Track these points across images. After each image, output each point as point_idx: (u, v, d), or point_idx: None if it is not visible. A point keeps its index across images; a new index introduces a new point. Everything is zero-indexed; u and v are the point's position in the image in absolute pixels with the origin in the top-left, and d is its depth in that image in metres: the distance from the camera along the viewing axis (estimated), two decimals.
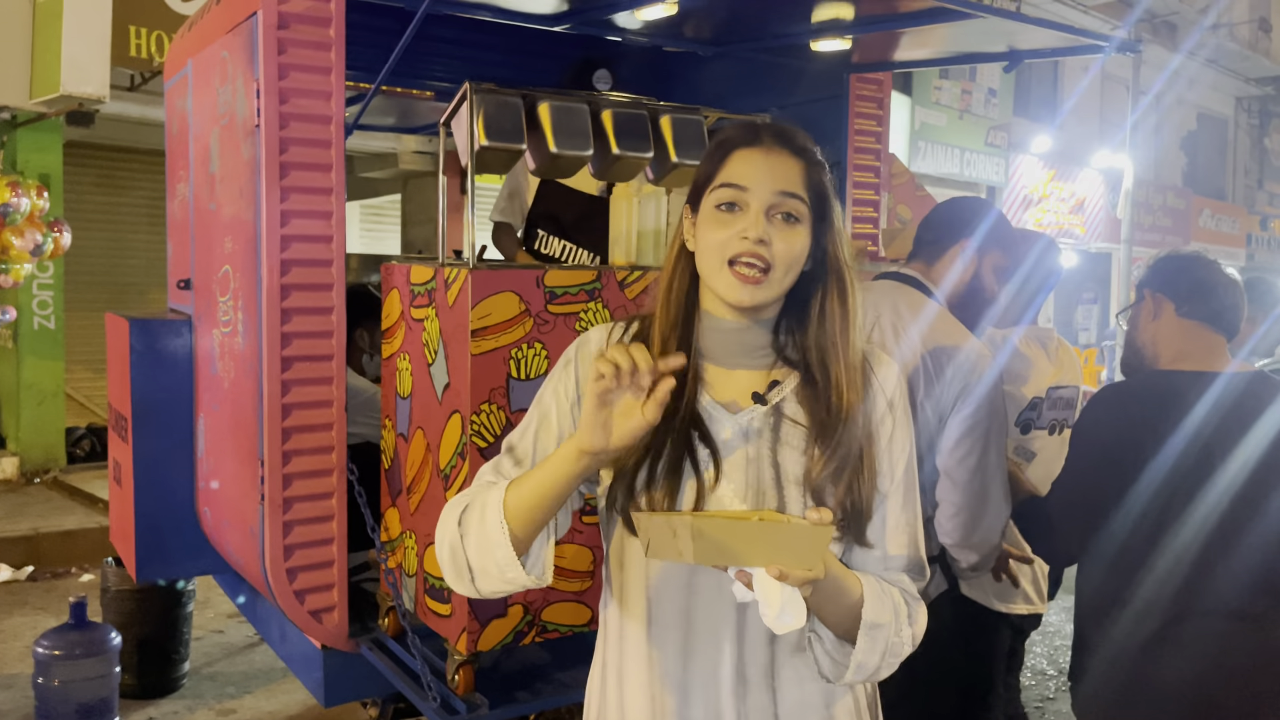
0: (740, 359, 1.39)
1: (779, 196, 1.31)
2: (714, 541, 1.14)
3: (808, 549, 1.16)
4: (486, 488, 1.36)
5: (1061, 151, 16.90)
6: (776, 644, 1.36)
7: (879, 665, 1.34)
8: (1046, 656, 5.08)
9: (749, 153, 1.34)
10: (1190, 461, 1.97)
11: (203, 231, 3.32)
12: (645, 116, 2.61)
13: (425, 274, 2.57)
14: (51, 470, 7.71)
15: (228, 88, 2.97)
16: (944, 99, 14.51)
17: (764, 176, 1.32)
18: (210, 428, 3.25)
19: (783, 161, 1.33)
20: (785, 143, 1.35)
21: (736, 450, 1.35)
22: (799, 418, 1.35)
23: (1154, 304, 2.19)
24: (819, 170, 1.36)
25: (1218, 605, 1.95)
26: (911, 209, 4.18)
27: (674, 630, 1.38)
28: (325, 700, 2.93)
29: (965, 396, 2.21)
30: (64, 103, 6.83)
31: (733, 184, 1.32)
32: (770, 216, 1.31)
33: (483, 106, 2.37)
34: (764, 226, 1.30)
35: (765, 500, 1.34)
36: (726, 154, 1.35)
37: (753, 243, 1.29)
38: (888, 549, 1.39)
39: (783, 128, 1.38)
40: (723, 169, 1.35)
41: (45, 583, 5.75)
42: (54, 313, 7.80)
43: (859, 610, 1.30)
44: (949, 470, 2.23)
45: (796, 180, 1.33)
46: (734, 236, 1.31)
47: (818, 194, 1.35)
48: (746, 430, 1.35)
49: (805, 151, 1.36)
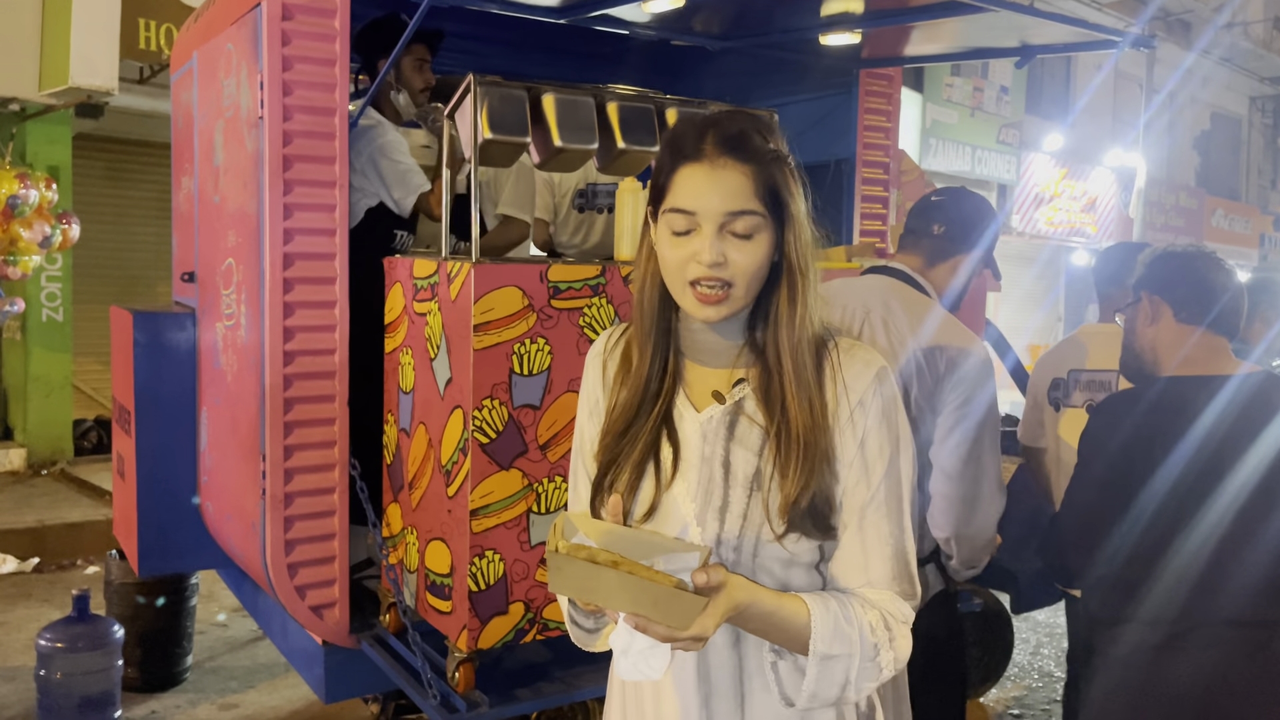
0: (713, 356, 1.37)
1: (729, 217, 1.26)
2: (572, 581, 1.11)
3: (677, 610, 1.10)
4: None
5: (1074, 150, 16.81)
6: (742, 645, 1.33)
7: (840, 695, 1.28)
8: (1054, 658, 5.05)
9: (693, 170, 1.28)
10: (1201, 468, 1.93)
11: (207, 225, 3.30)
12: (651, 110, 2.59)
13: (428, 268, 2.54)
14: (59, 462, 7.72)
15: (232, 80, 2.95)
16: (955, 96, 14.44)
17: (711, 198, 1.26)
18: (213, 421, 3.23)
19: (729, 177, 1.27)
20: (730, 149, 1.27)
21: (694, 449, 1.34)
22: (757, 416, 1.33)
23: (1151, 307, 2.13)
24: (773, 169, 1.29)
25: (1228, 614, 1.91)
26: None
27: None
28: (326, 697, 2.92)
29: (965, 394, 2.18)
30: (73, 95, 6.83)
31: (681, 209, 1.27)
32: (724, 233, 1.27)
33: (487, 99, 2.35)
34: (717, 248, 1.26)
35: (712, 500, 1.32)
36: (673, 170, 1.30)
37: (708, 266, 1.26)
38: (870, 563, 1.32)
39: (727, 130, 1.29)
40: (670, 189, 1.30)
41: (50, 575, 5.75)
42: (62, 305, 7.81)
43: (806, 638, 1.25)
44: (943, 463, 2.21)
45: (746, 194, 1.27)
46: (689, 259, 1.27)
47: (774, 197, 1.28)
48: (705, 429, 1.34)
49: (754, 154, 1.28)
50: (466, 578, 2.38)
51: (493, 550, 2.41)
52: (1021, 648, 5.13)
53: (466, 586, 2.39)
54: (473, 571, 2.39)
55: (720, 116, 1.32)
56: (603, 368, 1.45)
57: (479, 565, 2.39)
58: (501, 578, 2.43)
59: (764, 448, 1.31)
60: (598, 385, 1.45)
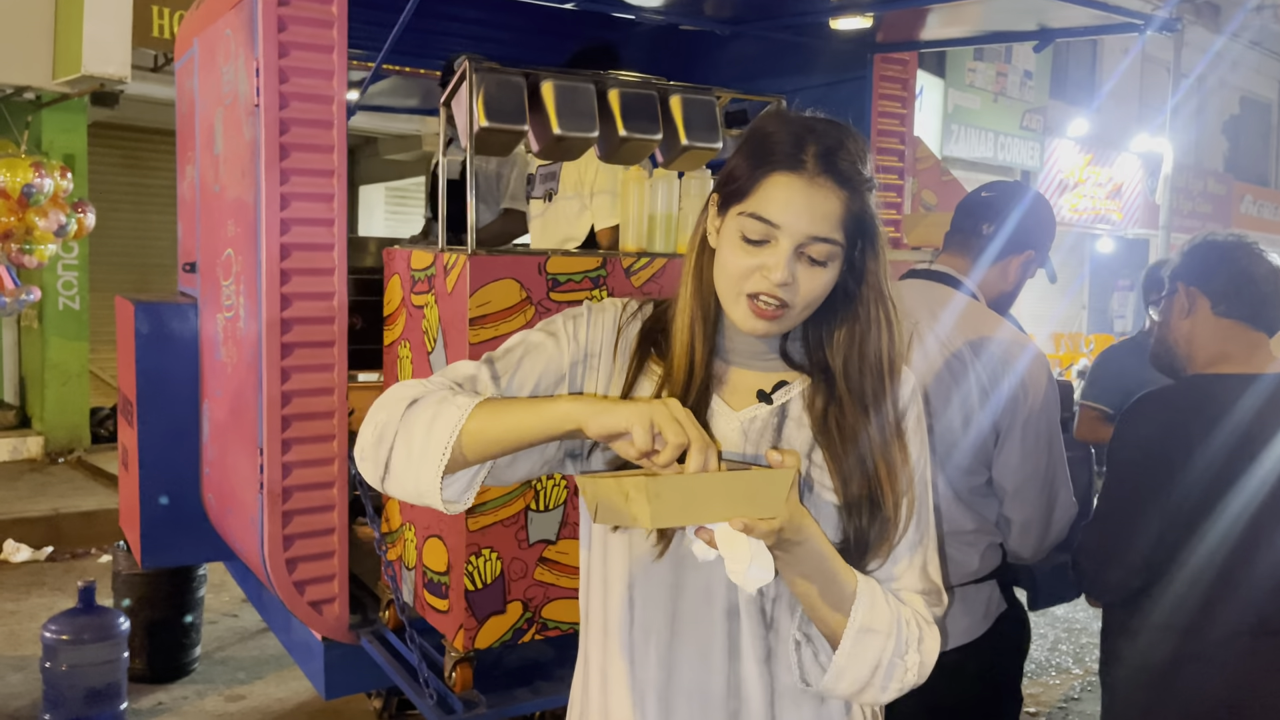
0: (754, 360, 1.32)
1: (811, 241, 1.20)
2: (671, 502, 1.05)
3: (769, 495, 1.08)
4: (449, 395, 1.23)
5: (1099, 135, 16.56)
6: (773, 662, 1.28)
7: (868, 681, 1.23)
8: (1072, 655, 4.96)
9: (789, 180, 1.20)
10: (1236, 470, 1.84)
11: (207, 214, 3.26)
12: (654, 97, 2.51)
13: (425, 259, 2.49)
14: (76, 450, 7.75)
15: (231, 67, 2.90)
16: (978, 81, 14.24)
17: (800, 215, 1.19)
18: (214, 414, 3.20)
19: (824, 197, 1.20)
20: (831, 170, 1.20)
21: (733, 450, 1.28)
22: (804, 422, 1.29)
23: (1187, 299, 2.02)
24: (863, 197, 1.23)
25: (1264, 624, 1.83)
26: (936, 194, 4.05)
27: (656, 635, 1.30)
28: (326, 693, 2.88)
29: (1030, 408, 2.05)
30: (86, 83, 6.82)
31: (764, 219, 1.20)
32: (798, 255, 1.21)
33: (483, 86, 2.28)
34: (789, 269, 1.20)
35: None
36: (764, 174, 1.21)
37: (775, 284, 1.20)
38: (894, 570, 1.30)
39: (832, 145, 1.21)
40: (756, 192, 1.21)
41: (64, 563, 5.77)
42: (79, 293, 7.84)
43: (849, 606, 1.21)
44: (1016, 488, 2.07)
45: (834, 220, 1.21)
46: (756, 272, 1.21)
47: (858, 224, 1.23)
48: (747, 429, 1.29)
49: (852, 179, 1.21)
50: (463, 576, 2.33)
51: (489, 549, 2.36)
52: (1039, 643, 5.05)
53: (463, 585, 2.34)
54: (469, 570, 2.34)
55: (817, 124, 1.24)
56: (616, 334, 1.35)
57: (475, 564, 2.34)
58: (499, 576, 2.38)
59: (813, 450, 1.27)
60: (600, 337, 1.34)
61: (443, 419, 1.19)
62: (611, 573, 1.34)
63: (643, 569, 1.30)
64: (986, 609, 2.14)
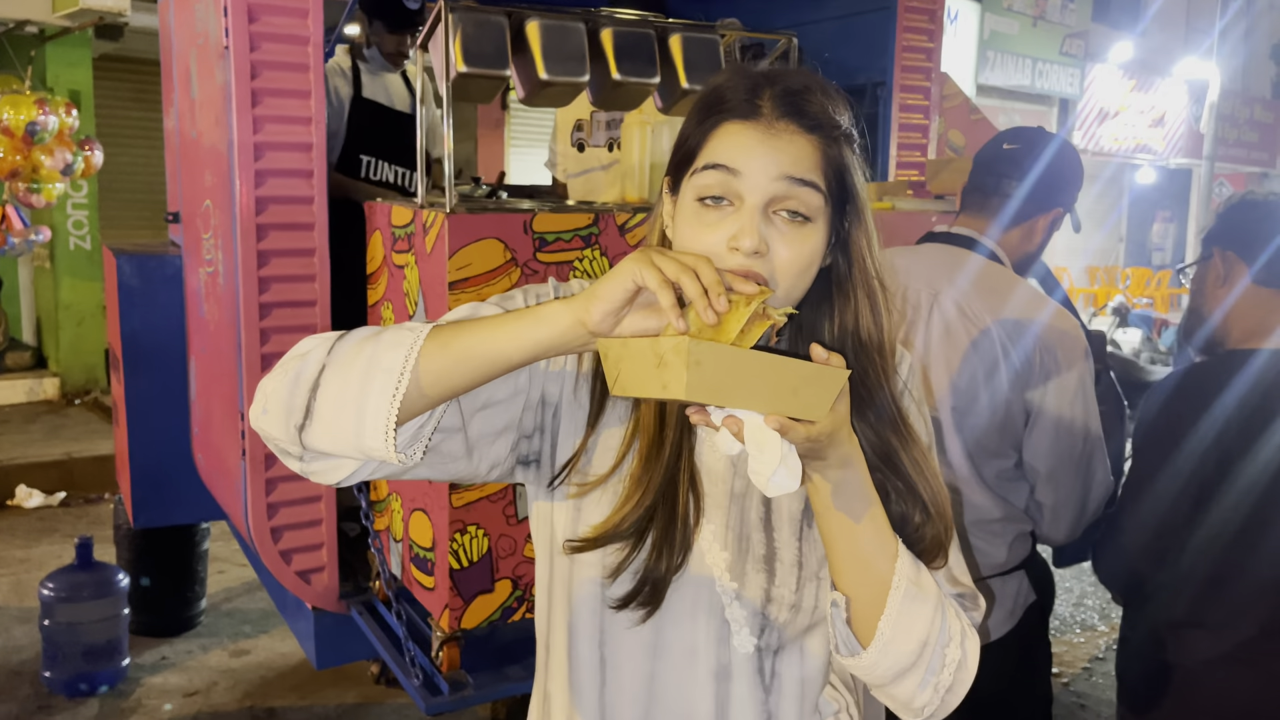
0: None
1: (784, 184, 0.96)
2: (711, 374, 0.86)
3: (815, 395, 0.89)
4: (390, 328, 0.98)
5: (1142, 60, 15.91)
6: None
7: (913, 663, 1.00)
8: (1098, 610, 4.82)
9: (741, 127, 0.98)
10: (1273, 454, 1.66)
11: (187, 162, 3.10)
12: (651, 36, 2.30)
13: (405, 216, 2.31)
14: (92, 391, 7.72)
15: (202, 4, 2.71)
16: (1017, 5, 13.66)
17: (764, 157, 0.96)
18: (200, 371, 3.07)
19: (789, 140, 0.97)
20: (796, 113, 0.98)
21: (721, 483, 1.08)
22: None
23: (1224, 265, 1.82)
24: (840, 147, 1.00)
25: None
26: (965, 135, 3.79)
27: (631, 699, 1.10)
28: (317, 662, 2.79)
29: (1062, 383, 1.88)
30: (85, 16, 6.63)
31: (720, 165, 0.97)
32: (770, 214, 0.97)
33: (461, 27, 2.08)
34: (760, 231, 0.95)
35: (751, 547, 1.07)
36: (714, 125, 1.00)
37: (745, 255, 0.95)
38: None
39: (794, 87, 0.99)
40: (706, 145, 0.99)
41: (78, 509, 5.74)
42: (89, 232, 7.73)
43: (888, 565, 0.99)
44: (1049, 471, 1.91)
45: (808, 163, 0.97)
46: (720, 244, 0.96)
47: (840, 178, 1.00)
48: (735, 459, 1.07)
49: (824, 123, 0.99)
50: (447, 555, 2.21)
51: (475, 525, 2.22)
52: (1064, 598, 4.90)
53: (448, 564, 2.21)
54: (454, 548, 2.21)
55: (779, 71, 1.02)
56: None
57: (460, 541, 2.21)
58: (486, 554, 2.25)
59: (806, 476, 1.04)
60: None
61: (390, 345, 0.94)
62: (578, 623, 1.11)
63: (614, 622, 1.08)
64: (1014, 604, 1.98)
